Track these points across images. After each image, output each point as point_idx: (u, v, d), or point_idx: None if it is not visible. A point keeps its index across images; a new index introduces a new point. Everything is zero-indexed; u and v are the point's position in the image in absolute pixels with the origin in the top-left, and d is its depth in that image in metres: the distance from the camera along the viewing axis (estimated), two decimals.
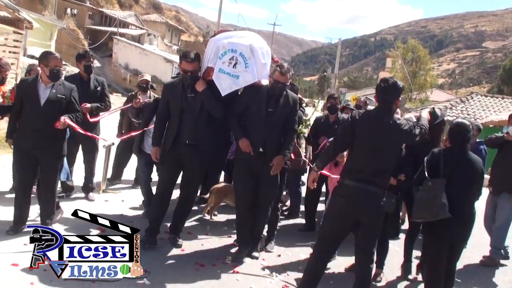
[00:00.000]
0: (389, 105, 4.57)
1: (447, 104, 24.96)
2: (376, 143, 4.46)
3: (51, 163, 5.72)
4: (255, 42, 5.82)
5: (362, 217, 4.50)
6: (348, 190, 4.50)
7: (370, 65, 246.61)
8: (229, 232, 6.80)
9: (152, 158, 5.92)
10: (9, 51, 14.11)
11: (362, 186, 4.45)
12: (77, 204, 7.11)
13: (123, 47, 41.66)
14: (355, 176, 4.48)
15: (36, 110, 5.55)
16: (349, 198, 4.49)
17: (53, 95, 5.58)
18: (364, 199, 4.47)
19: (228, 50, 5.66)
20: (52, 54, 5.79)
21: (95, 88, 7.34)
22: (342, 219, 4.57)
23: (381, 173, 4.52)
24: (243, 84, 5.71)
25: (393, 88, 4.57)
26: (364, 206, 4.49)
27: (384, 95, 4.58)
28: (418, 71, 51.05)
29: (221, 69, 5.62)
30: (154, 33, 51.83)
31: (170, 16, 76.57)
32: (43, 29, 27.76)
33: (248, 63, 5.66)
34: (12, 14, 15.82)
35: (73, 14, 44.96)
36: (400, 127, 4.52)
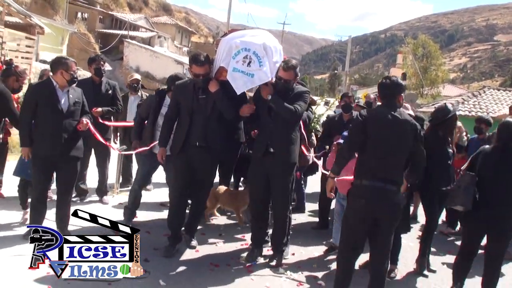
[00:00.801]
0: (394, 101, 4.59)
1: (459, 99, 24.79)
2: (388, 140, 4.46)
3: (71, 166, 5.72)
4: (268, 41, 5.74)
5: (380, 215, 4.49)
6: (367, 191, 4.47)
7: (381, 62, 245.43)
8: (242, 232, 6.82)
9: (158, 159, 5.89)
10: (21, 57, 14.27)
11: (379, 185, 4.43)
12: (92, 207, 7.19)
13: (133, 50, 41.78)
14: (371, 175, 4.46)
15: (57, 115, 5.50)
16: (369, 198, 4.45)
17: (72, 100, 5.60)
18: (383, 198, 4.45)
19: (242, 49, 5.57)
20: (69, 59, 5.80)
21: (107, 92, 7.41)
22: (363, 221, 4.52)
23: (395, 170, 4.52)
24: (259, 82, 5.60)
25: (394, 84, 4.64)
26: (383, 205, 4.47)
27: (387, 91, 4.62)
28: (429, 66, 50.68)
29: (235, 68, 5.53)
30: (164, 35, 52.00)
31: (180, 17, 76.78)
32: (54, 34, 27.97)
33: (262, 61, 5.57)
34: (24, 20, 15.99)
35: (84, 18, 45.22)
36: (410, 122, 4.55)
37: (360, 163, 4.60)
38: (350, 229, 4.62)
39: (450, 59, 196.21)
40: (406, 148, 4.56)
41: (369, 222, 4.51)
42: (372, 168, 4.47)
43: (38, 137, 5.56)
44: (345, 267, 4.67)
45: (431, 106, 27.13)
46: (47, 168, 5.66)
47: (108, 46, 39.77)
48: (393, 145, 4.47)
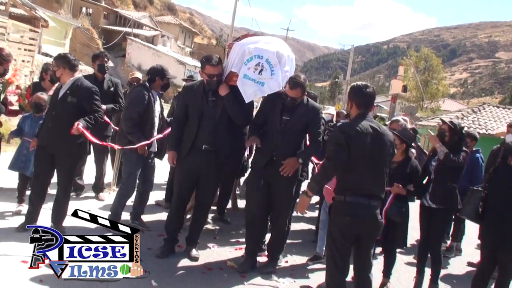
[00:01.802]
0: (370, 111, 4.44)
1: (459, 114, 24.84)
2: (372, 155, 4.27)
3: (64, 163, 5.70)
4: (282, 49, 5.67)
5: (363, 231, 4.38)
6: (351, 208, 4.29)
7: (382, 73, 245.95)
8: (236, 237, 6.82)
9: (169, 162, 5.77)
10: (24, 49, 14.24)
11: (364, 202, 4.29)
12: (87, 203, 7.22)
13: (136, 48, 41.96)
14: (355, 192, 4.30)
15: (51, 109, 5.70)
16: (354, 216, 4.29)
17: (65, 96, 5.61)
18: (367, 214, 4.31)
19: (254, 56, 5.50)
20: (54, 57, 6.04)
21: (109, 89, 7.41)
22: (346, 238, 4.38)
23: (378, 185, 4.39)
24: (268, 91, 5.55)
25: (374, 93, 4.55)
26: (368, 221, 4.35)
27: (369, 100, 4.45)
28: (430, 80, 50.75)
29: (246, 75, 5.48)
30: (168, 34, 52.12)
31: (184, 18, 76.95)
32: (58, 28, 27.99)
33: (274, 70, 5.50)
34: (29, 12, 15.99)
35: (88, 14, 45.28)
36: (388, 135, 4.46)
37: (342, 179, 4.38)
38: (337, 248, 4.40)
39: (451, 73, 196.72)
40: (387, 161, 4.46)
41: (352, 238, 4.39)
42: (355, 184, 4.30)
43: (40, 128, 5.85)
44: (340, 283, 4.49)
45: (431, 120, 27.21)
46: (44, 158, 5.69)
47: (111, 42, 39.88)
48: (376, 159, 4.31)
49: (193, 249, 5.82)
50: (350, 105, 4.50)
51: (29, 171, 6.30)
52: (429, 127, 24.71)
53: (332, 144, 4.29)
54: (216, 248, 6.28)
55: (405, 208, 5.57)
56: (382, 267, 5.79)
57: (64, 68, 5.61)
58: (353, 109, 4.44)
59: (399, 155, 5.65)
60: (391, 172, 5.49)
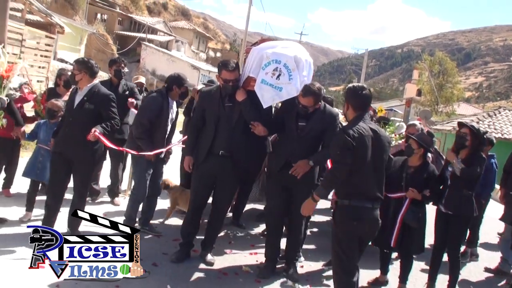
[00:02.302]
0: (366, 114, 4.43)
1: (474, 118, 24.66)
2: (374, 157, 4.29)
3: (81, 169, 5.70)
4: (300, 53, 5.61)
5: (366, 232, 4.43)
6: (358, 212, 4.30)
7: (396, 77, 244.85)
8: (252, 242, 6.81)
9: (185, 168, 5.77)
10: (40, 55, 14.35)
11: (368, 205, 4.31)
12: (103, 208, 7.26)
13: (151, 53, 42.18)
14: (359, 195, 4.31)
15: (68, 115, 5.69)
16: (360, 219, 4.30)
17: (82, 103, 5.58)
18: (371, 218, 4.35)
19: (272, 61, 5.45)
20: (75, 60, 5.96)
21: (123, 92, 7.43)
22: (353, 241, 4.39)
23: (379, 187, 4.41)
24: (286, 96, 5.49)
25: (370, 95, 4.55)
26: (371, 225, 4.39)
27: (367, 102, 4.47)
28: (445, 84, 50.52)
29: (264, 80, 5.43)
30: (182, 39, 52.33)
31: (198, 23, 77.23)
32: (74, 34, 28.21)
33: (292, 75, 5.45)
34: (45, 18, 16.14)
35: (103, 20, 45.64)
36: (386, 136, 4.51)
37: (346, 182, 4.30)
38: (344, 251, 4.39)
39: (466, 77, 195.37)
40: (385, 162, 4.47)
41: (357, 240, 4.41)
42: (360, 187, 4.30)
43: (58, 133, 5.77)
44: (348, 286, 4.44)
45: (446, 124, 27.02)
46: (60, 164, 5.68)
47: (126, 48, 40.11)
48: (377, 161, 4.33)
49: (209, 254, 5.81)
50: (346, 107, 4.49)
51: (46, 178, 6.26)
52: (444, 131, 24.55)
53: (339, 148, 4.26)
54: (231, 253, 6.26)
55: (421, 214, 5.52)
56: (398, 272, 5.75)
57: (85, 73, 5.60)
58: (350, 111, 4.44)
59: (417, 160, 5.60)
60: (407, 176, 5.48)
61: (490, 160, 7.37)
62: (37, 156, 6.45)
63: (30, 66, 13.36)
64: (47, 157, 6.19)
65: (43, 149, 6.34)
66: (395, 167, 5.66)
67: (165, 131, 6.32)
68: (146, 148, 6.07)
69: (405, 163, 5.66)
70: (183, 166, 5.96)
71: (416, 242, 5.57)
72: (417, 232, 5.51)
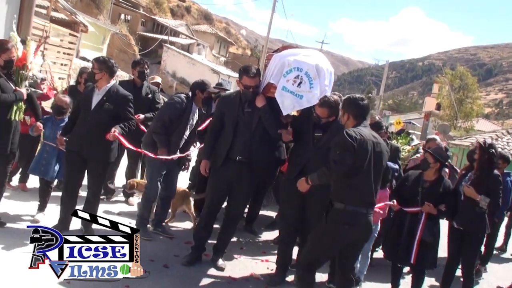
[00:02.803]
0: (366, 122, 4.61)
1: (493, 135, 24.38)
2: (372, 164, 4.38)
3: (96, 168, 5.74)
4: (321, 62, 5.59)
5: (356, 238, 4.51)
6: (351, 217, 4.37)
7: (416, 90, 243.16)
8: (264, 248, 6.80)
9: (202, 171, 5.75)
10: (63, 52, 14.51)
11: (363, 211, 4.39)
12: (117, 207, 7.31)
13: (172, 55, 42.38)
14: (355, 200, 4.39)
15: (85, 115, 5.64)
16: (353, 224, 4.37)
17: (102, 103, 5.60)
18: (364, 223, 4.44)
19: (294, 68, 5.44)
20: (95, 59, 5.94)
21: (146, 95, 7.47)
22: (338, 244, 4.53)
23: (373, 193, 4.48)
24: (307, 104, 5.45)
25: (369, 105, 4.69)
26: (363, 230, 4.48)
27: (366, 111, 4.62)
28: (465, 98, 50.10)
29: (284, 87, 5.43)
30: (203, 43, 52.54)
31: (220, 27, 77.55)
32: (97, 33, 28.47)
33: (313, 83, 5.43)
34: (69, 17, 16.32)
35: (127, 20, 46.00)
36: (384, 145, 4.60)
37: (343, 185, 4.42)
38: (325, 251, 4.62)
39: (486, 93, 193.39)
40: (382, 170, 4.56)
41: (340, 247, 4.53)
42: (356, 191, 4.38)
43: (72, 132, 5.74)
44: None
45: (464, 139, 26.79)
46: (75, 162, 5.71)
47: (148, 49, 40.35)
48: (375, 167, 4.40)
49: (220, 259, 5.80)
50: (346, 117, 4.62)
51: (49, 175, 6.16)
52: (462, 147, 24.35)
53: (339, 148, 4.34)
54: (242, 259, 6.25)
55: (436, 229, 5.49)
56: (409, 287, 5.72)
57: (105, 73, 5.62)
58: (350, 120, 4.60)
59: (432, 174, 5.56)
60: (423, 191, 5.45)
61: (506, 178, 7.30)
62: (42, 152, 6.29)
63: (53, 63, 13.51)
64: (53, 154, 6.17)
65: (49, 146, 6.23)
66: (409, 181, 5.65)
67: (182, 135, 6.32)
68: (160, 144, 6.10)
69: (420, 177, 5.62)
70: (199, 170, 5.97)
71: (430, 257, 5.51)
72: (431, 247, 5.46)
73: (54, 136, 6.08)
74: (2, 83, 5.33)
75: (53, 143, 6.13)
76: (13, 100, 5.38)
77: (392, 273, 5.86)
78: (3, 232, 5.47)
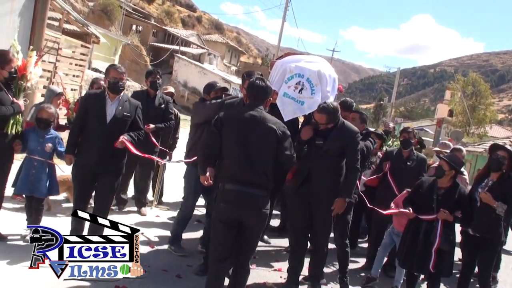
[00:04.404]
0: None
1: (507, 141, 24.20)
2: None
3: (110, 180, 5.53)
4: (323, 68, 5.60)
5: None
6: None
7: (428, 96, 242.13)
8: (276, 257, 6.77)
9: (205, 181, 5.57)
10: (75, 64, 14.59)
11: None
12: (129, 217, 7.29)
13: (183, 65, 42.55)
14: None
15: (101, 127, 5.34)
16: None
17: (119, 113, 5.40)
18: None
19: (295, 75, 5.47)
20: (113, 65, 5.72)
21: (159, 105, 7.51)
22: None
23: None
24: (308, 111, 5.49)
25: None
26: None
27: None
28: (477, 105, 49.83)
29: (286, 93, 5.45)
30: (214, 53, 52.73)
31: (231, 37, 77.80)
32: (108, 44, 28.66)
33: (314, 89, 5.45)
34: (81, 28, 16.41)
35: (138, 31, 46.36)
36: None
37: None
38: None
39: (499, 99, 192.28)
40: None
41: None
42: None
43: (82, 146, 5.46)
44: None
45: (477, 146, 26.62)
46: (87, 177, 5.48)
47: (159, 59, 40.60)
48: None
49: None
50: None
51: (41, 192, 5.70)
52: (476, 153, 24.18)
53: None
54: (255, 267, 6.18)
55: (452, 236, 5.42)
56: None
57: (125, 81, 5.57)
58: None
59: (447, 181, 5.50)
60: (438, 198, 5.39)
61: None
62: (29, 168, 5.67)
63: (65, 74, 13.59)
64: (41, 169, 5.67)
65: (36, 160, 5.65)
66: (424, 188, 5.60)
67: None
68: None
69: (434, 184, 5.57)
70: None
71: (446, 265, 5.45)
72: (447, 254, 5.40)
73: (41, 149, 5.69)
74: (1, 96, 5.24)
75: (40, 157, 5.68)
76: (10, 113, 5.28)
77: (407, 281, 5.81)
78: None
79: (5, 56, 5.30)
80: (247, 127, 4.44)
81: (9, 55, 5.33)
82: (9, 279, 4.50)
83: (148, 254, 5.91)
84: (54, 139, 5.78)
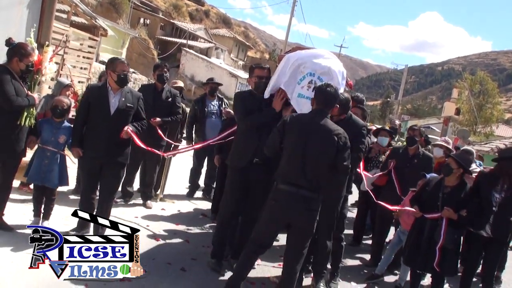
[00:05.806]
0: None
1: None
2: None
3: (115, 170, 5.68)
4: (333, 65, 5.59)
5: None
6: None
7: (435, 94, 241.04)
8: (281, 252, 6.70)
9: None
10: (83, 56, 14.58)
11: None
12: (135, 210, 7.32)
13: (190, 59, 42.59)
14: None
15: (106, 118, 5.47)
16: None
17: (122, 104, 5.52)
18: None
19: (307, 74, 5.48)
20: (118, 59, 5.77)
21: (167, 99, 7.52)
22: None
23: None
24: None
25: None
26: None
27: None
28: (484, 104, 49.61)
29: (300, 94, 5.46)
30: (222, 47, 52.70)
31: (239, 31, 77.73)
32: (116, 37, 28.68)
33: None
34: (89, 21, 16.39)
35: (146, 24, 46.36)
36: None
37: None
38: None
39: (506, 98, 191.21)
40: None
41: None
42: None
43: (88, 139, 5.58)
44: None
45: (484, 145, 26.52)
46: (94, 169, 5.63)
47: (166, 53, 40.60)
48: None
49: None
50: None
51: (53, 183, 5.76)
52: (482, 152, 24.12)
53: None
54: (259, 262, 6.18)
55: (457, 235, 5.41)
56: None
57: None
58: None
59: (455, 180, 5.48)
60: (444, 196, 5.37)
61: None
62: (42, 158, 5.72)
63: (73, 67, 13.60)
64: (54, 159, 5.73)
65: (48, 151, 5.72)
66: (430, 186, 5.59)
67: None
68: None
69: (441, 182, 5.56)
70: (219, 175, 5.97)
71: (451, 264, 5.42)
72: (452, 254, 5.37)
73: (54, 139, 5.75)
74: (17, 87, 5.30)
75: (53, 148, 5.74)
76: (26, 105, 5.33)
77: (411, 279, 5.81)
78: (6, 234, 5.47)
79: (25, 49, 5.37)
80: (309, 133, 4.60)
81: (29, 48, 5.39)
82: (9, 279, 4.50)
83: (153, 247, 5.93)
84: (67, 130, 5.82)
